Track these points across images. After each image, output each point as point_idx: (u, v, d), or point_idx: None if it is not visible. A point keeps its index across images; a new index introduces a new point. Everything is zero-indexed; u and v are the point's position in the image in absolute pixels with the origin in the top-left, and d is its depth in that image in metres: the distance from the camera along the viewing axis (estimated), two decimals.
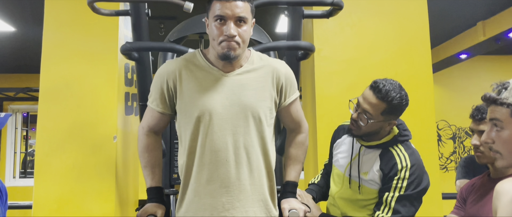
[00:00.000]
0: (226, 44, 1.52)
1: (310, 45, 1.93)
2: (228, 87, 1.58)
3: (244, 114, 1.57)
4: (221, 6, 1.50)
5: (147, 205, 1.67)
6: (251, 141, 1.58)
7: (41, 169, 2.34)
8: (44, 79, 2.42)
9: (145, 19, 1.97)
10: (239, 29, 1.52)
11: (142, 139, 1.72)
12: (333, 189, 1.91)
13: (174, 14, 4.37)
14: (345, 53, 2.64)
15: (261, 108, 1.59)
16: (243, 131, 1.57)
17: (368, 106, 1.65)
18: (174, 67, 1.62)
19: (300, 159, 1.74)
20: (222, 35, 1.51)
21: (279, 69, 1.66)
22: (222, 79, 1.59)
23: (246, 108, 1.57)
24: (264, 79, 1.62)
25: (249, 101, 1.58)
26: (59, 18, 2.47)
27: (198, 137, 1.57)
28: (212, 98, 1.57)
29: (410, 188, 1.65)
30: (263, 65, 1.65)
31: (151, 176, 1.70)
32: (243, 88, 1.59)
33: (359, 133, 1.72)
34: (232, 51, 1.52)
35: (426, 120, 2.58)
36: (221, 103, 1.56)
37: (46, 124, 2.38)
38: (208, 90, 1.58)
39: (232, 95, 1.57)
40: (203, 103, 1.56)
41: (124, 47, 1.88)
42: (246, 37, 1.56)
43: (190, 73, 1.60)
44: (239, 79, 1.60)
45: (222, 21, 1.51)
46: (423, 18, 2.69)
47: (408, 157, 1.68)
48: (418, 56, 2.66)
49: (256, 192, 1.59)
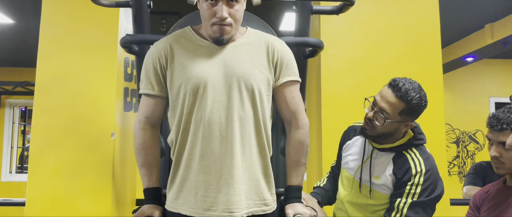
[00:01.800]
0: (218, 28, 1.48)
1: (319, 41, 1.85)
2: (221, 59, 1.53)
3: (238, 86, 1.50)
4: None
5: (144, 206, 1.60)
6: (244, 115, 1.51)
7: (36, 165, 2.27)
8: (41, 72, 2.34)
9: (146, 11, 1.89)
10: (230, 10, 1.47)
11: (139, 134, 1.61)
12: (341, 193, 1.83)
13: (177, 9, 4.30)
14: (352, 52, 2.56)
15: (255, 80, 1.52)
16: (237, 104, 1.50)
17: (386, 104, 1.57)
18: (164, 43, 1.58)
19: (302, 161, 1.64)
20: (213, 17, 1.47)
21: (275, 43, 1.60)
22: (215, 51, 1.54)
23: (239, 80, 1.50)
24: (258, 52, 1.57)
25: (243, 73, 1.51)
26: (57, 9, 2.39)
27: (190, 111, 1.51)
28: (205, 70, 1.51)
29: (423, 195, 1.57)
30: (258, 39, 1.60)
31: (148, 176, 1.62)
32: (237, 60, 1.53)
33: (373, 134, 1.64)
34: (224, 35, 1.49)
35: (435, 124, 2.50)
36: (214, 75, 1.50)
37: (42, 119, 2.30)
38: (200, 63, 1.52)
39: (224, 67, 1.52)
40: (195, 75, 1.50)
41: (124, 39, 1.80)
42: (239, 17, 1.51)
43: (181, 47, 1.56)
44: (233, 51, 1.55)
45: (213, 1, 1.46)
46: (434, 18, 2.61)
47: (423, 162, 1.60)
48: (428, 56, 2.58)
49: (247, 169, 1.52)
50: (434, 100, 2.53)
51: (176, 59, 1.54)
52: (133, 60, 2.53)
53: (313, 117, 2.70)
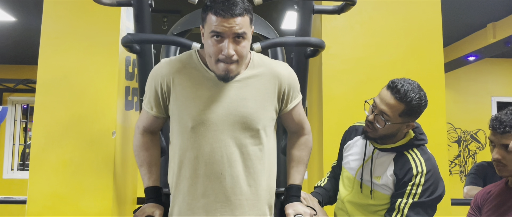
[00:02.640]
0: (223, 66, 1.40)
1: (321, 41, 1.84)
2: (225, 95, 1.47)
3: (241, 125, 1.46)
4: (218, 22, 1.36)
5: (145, 205, 1.61)
6: (248, 154, 1.47)
7: (37, 163, 2.27)
8: (42, 70, 2.34)
9: (148, 10, 1.89)
10: (237, 47, 1.39)
11: (138, 138, 1.64)
12: (342, 193, 1.83)
13: (178, 7, 4.29)
14: (354, 51, 2.56)
15: (260, 119, 1.48)
16: (241, 142, 1.46)
17: (386, 107, 1.56)
18: (168, 70, 1.51)
19: (303, 160, 1.65)
20: (219, 53, 1.39)
21: (282, 74, 1.54)
22: (219, 86, 1.47)
23: (245, 119, 1.46)
24: (264, 87, 1.50)
25: (248, 111, 1.46)
26: (59, 7, 2.38)
27: (191, 148, 1.47)
28: (208, 107, 1.45)
29: (424, 195, 1.57)
30: (264, 71, 1.52)
31: (148, 175, 1.63)
32: (242, 97, 1.47)
33: (375, 136, 1.63)
34: (230, 73, 1.42)
35: (436, 123, 2.50)
36: (217, 113, 1.45)
37: (43, 117, 2.30)
38: (203, 98, 1.46)
39: (229, 104, 1.46)
40: (198, 112, 1.45)
41: (125, 39, 1.80)
42: (245, 53, 1.44)
43: (185, 78, 1.49)
44: (237, 87, 1.48)
45: (219, 38, 1.38)
46: (436, 17, 2.60)
47: (424, 162, 1.60)
48: (430, 55, 2.57)
49: (254, 208, 1.49)
50: (436, 100, 2.52)
51: (178, 90, 1.49)
52: (134, 58, 2.52)
53: (315, 116, 2.70)
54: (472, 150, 6.41)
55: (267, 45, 1.78)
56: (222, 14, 1.35)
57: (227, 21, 1.35)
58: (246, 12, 1.40)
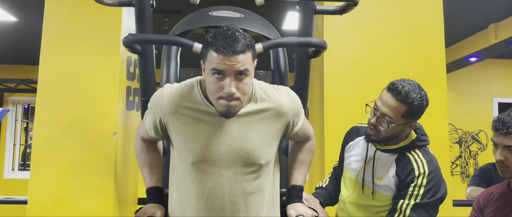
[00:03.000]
0: (225, 103, 1.35)
1: (322, 42, 1.83)
2: (227, 131, 1.43)
3: (243, 161, 1.44)
4: (219, 60, 1.31)
5: (146, 206, 1.61)
6: (250, 189, 1.46)
7: (38, 164, 2.26)
8: (43, 71, 2.33)
9: (149, 10, 1.88)
10: (239, 84, 1.34)
11: (138, 142, 1.66)
12: (343, 194, 1.82)
13: (179, 8, 4.29)
14: (356, 52, 2.55)
15: (264, 154, 1.46)
16: (242, 178, 1.44)
17: (388, 109, 1.55)
18: (168, 104, 1.46)
19: (306, 162, 1.66)
20: (220, 91, 1.34)
21: (286, 108, 1.50)
22: (221, 122, 1.43)
23: (247, 155, 1.44)
24: (269, 123, 1.48)
25: (251, 148, 1.44)
26: (60, 7, 2.38)
27: (193, 182, 1.46)
28: (210, 143, 1.42)
29: (426, 196, 1.56)
30: (267, 106, 1.47)
31: (149, 176, 1.63)
32: (244, 133, 1.44)
33: (378, 138, 1.63)
34: (232, 109, 1.36)
35: (438, 124, 2.49)
36: (219, 149, 1.43)
37: (44, 117, 2.29)
38: (205, 134, 1.43)
39: (231, 140, 1.43)
40: (199, 148, 1.43)
41: (126, 39, 1.79)
42: (247, 90, 1.38)
43: (186, 113, 1.45)
44: (240, 122, 1.44)
45: (220, 75, 1.33)
46: (438, 17, 2.59)
47: (426, 163, 1.59)
48: (432, 56, 2.56)
49: None
50: (438, 100, 2.52)
51: (178, 125, 1.46)
52: (135, 59, 2.52)
53: (316, 117, 2.69)
54: (473, 151, 6.40)
55: (268, 45, 1.77)
56: (223, 52, 1.30)
57: (229, 58, 1.30)
58: (248, 48, 1.35)
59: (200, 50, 1.67)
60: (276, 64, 2.32)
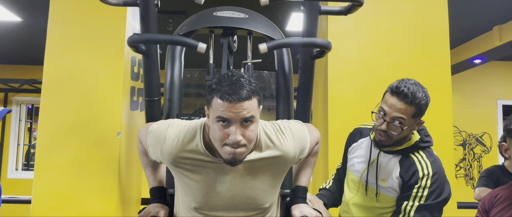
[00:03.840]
0: (231, 150, 1.30)
1: (327, 42, 1.83)
2: (230, 178, 1.41)
3: (247, 206, 1.44)
4: (224, 107, 1.27)
5: (150, 205, 1.61)
6: None
7: (42, 163, 2.27)
8: (48, 70, 2.34)
9: (154, 10, 1.88)
10: (245, 131, 1.30)
11: (139, 145, 1.67)
12: (347, 195, 1.82)
13: (183, 8, 4.29)
14: (360, 53, 2.55)
15: (267, 198, 1.47)
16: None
17: (399, 113, 1.53)
18: (169, 151, 1.42)
19: (311, 164, 1.66)
20: (226, 138, 1.30)
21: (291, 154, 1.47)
22: (223, 168, 1.40)
23: (251, 200, 1.43)
24: (272, 167, 1.45)
25: (255, 193, 1.43)
26: (65, 7, 2.39)
27: None
28: (212, 190, 1.41)
29: (431, 198, 1.55)
30: (272, 154, 1.43)
31: (152, 176, 1.64)
32: (248, 180, 1.42)
33: (389, 143, 1.61)
34: (238, 156, 1.32)
35: (443, 126, 2.48)
36: (221, 196, 1.42)
37: (48, 117, 2.30)
38: (206, 180, 1.41)
39: (234, 186, 1.42)
40: (201, 195, 1.42)
41: (131, 39, 1.79)
42: (253, 137, 1.34)
43: (186, 161, 1.41)
44: (244, 169, 1.41)
45: (225, 123, 1.29)
46: (443, 19, 2.58)
47: (430, 164, 1.58)
48: (436, 58, 2.56)
49: None
50: (442, 102, 2.51)
51: (180, 172, 1.44)
52: (140, 59, 2.52)
53: (320, 118, 2.69)
54: (477, 153, 6.37)
55: (273, 46, 1.77)
56: (228, 99, 1.26)
57: (234, 106, 1.26)
58: (254, 94, 1.31)
59: (204, 50, 1.67)
60: (280, 64, 2.31)
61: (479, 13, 4.45)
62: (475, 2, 4.13)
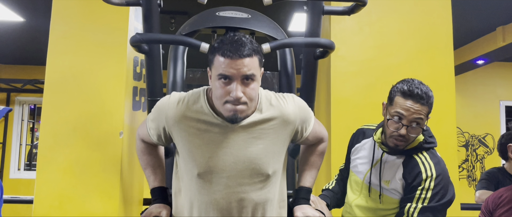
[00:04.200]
0: (231, 107, 1.33)
1: (330, 42, 1.82)
2: (233, 142, 1.41)
3: (250, 171, 1.42)
4: (226, 65, 1.30)
5: (152, 206, 1.60)
6: (258, 199, 1.45)
7: (44, 163, 2.26)
8: (50, 70, 2.34)
9: (156, 10, 1.88)
10: (246, 88, 1.33)
11: (139, 144, 1.66)
12: (350, 197, 1.81)
13: (186, 8, 4.29)
14: (363, 53, 2.53)
15: (270, 164, 1.44)
16: (249, 189, 1.43)
17: (417, 114, 1.53)
18: (174, 114, 1.44)
19: (317, 165, 1.65)
20: (227, 95, 1.33)
21: (292, 115, 1.47)
22: (227, 132, 1.41)
23: (254, 165, 1.42)
24: (275, 133, 1.45)
25: (258, 158, 1.42)
26: (67, 7, 2.38)
27: (200, 193, 1.45)
28: (215, 154, 1.41)
29: (434, 200, 1.55)
30: (273, 115, 1.45)
31: (152, 177, 1.63)
32: (251, 143, 1.42)
33: (406, 146, 1.61)
34: (238, 113, 1.34)
35: (446, 127, 2.47)
36: (224, 160, 1.41)
37: (50, 117, 2.30)
38: (210, 146, 1.41)
39: (237, 151, 1.41)
40: (204, 160, 1.41)
41: (134, 38, 1.79)
42: (254, 95, 1.37)
43: (191, 124, 1.42)
44: (245, 133, 1.42)
45: (227, 80, 1.32)
46: (446, 19, 2.57)
47: (434, 166, 1.58)
48: (440, 58, 2.54)
49: None
50: (446, 103, 2.49)
51: (183, 136, 1.44)
52: (142, 59, 2.52)
53: (323, 118, 2.68)
54: (480, 154, 6.35)
55: (276, 46, 1.76)
56: (229, 56, 1.30)
57: (235, 62, 1.29)
58: (255, 53, 1.34)
59: (207, 50, 1.66)
60: (283, 65, 2.31)
61: (482, 14, 4.43)
62: (478, 2, 4.11)
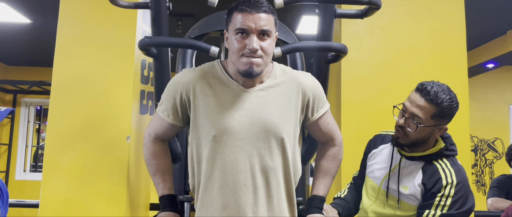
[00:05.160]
0: (248, 60, 1.39)
1: (343, 46, 1.78)
2: (248, 104, 1.45)
3: (265, 134, 1.42)
4: (243, 19, 1.39)
5: (161, 214, 1.57)
6: (272, 164, 1.43)
7: (50, 167, 2.24)
8: (57, 73, 2.31)
9: (165, 12, 1.85)
10: (261, 43, 1.40)
11: (148, 146, 1.61)
12: (365, 203, 1.77)
13: (193, 11, 4.26)
14: (374, 57, 2.49)
15: (284, 127, 1.44)
16: (264, 152, 1.42)
17: (417, 109, 1.52)
18: (190, 78, 1.50)
19: (331, 172, 1.60)
20: (243, 49, 1.39)
21: (305, 83, 1.52)
22: (242, 95, 1.46)
23: (268, 127, 1.42)
24: (288, 96, 1.48)
25: (272, 120, 1.43)
26: (75, 9, 2.36)
27: (214, 158, 1.43)
28: (231, 115, 1.43)
29: (454, 207, 1.51)
30: (286, 80, 1.51)
31: (162, 184, 1.59)
32: (265, 105, 1.45)
33: (406, 142, 1.58)
34: (254, 66, 1.40)
35: (459, 133, 2.40)
36: (240, 122, 1.42)
37: (57, 120, 2.27)
38: (226, 107, 1.44)
39: (252, 113, 1.43)
40: (220, 121, 1.42)
41: (142, 41, 1.76)
42: (270, 51, 1.44)
43: (207, 87, 1.48)
44: (260, 95, 1.47)
45: (244, 34, 1.40)
46: (459, 22, 2.52)
47: (454, 173, 1.54)
48: (453, 63, 2.49)
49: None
50: (459, 108, 2.44)
51: (200, 98, 1.47)
52: (150, 62, 2.49)
53: None
54: (489, 159, 6.27)
55: (287, 50, 1.73)
56: (247, 10, 1.38)
57: (253, 16, 1.38)
58: (271, 12, 1.42)
59: (216, 54, 1.64)
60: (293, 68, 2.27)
61: (492, 18, 4.38)
62: (489, 6, 4.06)
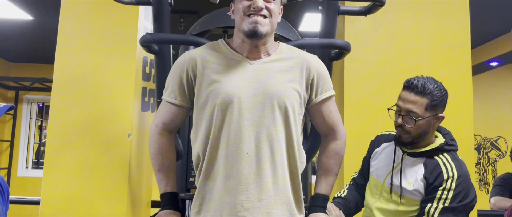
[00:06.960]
0: (253, 19, 1.43)
1: (347, 43, 1.77)
2: (252, 74, 1.47)
3: (269, 104, 1.43)
4: None
5: (162, 212, 1.55)
6: (276, 134, 1.42)
7: (51, 164, 2.23)
8: (58, 70, 2.31)
9: (167, 9, 1.83)
10: (266, 4, 1.44)
11: (155, 139, 1.57)
12: (369, 200, 1.77)
13: (195, 8, 4.25)
14: (377, 54, 2.47)
15: (288, 98, 1.45)
16: (268, 122, 1.42)
17: (410, 105, 1.56)
18: (194, 55, 1.53)
19: (333, 170, 1.58)
20: (249, 8, 1.43)
21: (311, 62, 1.54)
22: (247, 66, 1.48)
23: (272, 97, 1.43)
24: (292, 70, 1.50)
25: (276, 90, 1.44)
26: (76, 6, 2.35)
27: (217, 128, 1.43)
28: (235, 85, 1.44)
29: (455, 200, 1.52)
30: (293, 56, 1.53)
31: (165, 181, 1.57)
32: (269, 76, 1.46)
33: (409, 139, 1.61)
34: (259, 25, 1.43)
35: (463, 131, 2.40)
36: (245, 91, 1.43)
37: (58, 117, 2.26)
38: (230, 77, 1.45)
39: (256, 83, 1.45)
40: (225, 90, 1.43)
41: (144, 38, 1.75)
42: (275, 12, 1.48)
43: (212, 59, 1.50)
44: (265, 67, 1.49)
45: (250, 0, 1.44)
46: (464, 20, 2.50)
47: (455, 167, 1.56)
48: (457, 61, 2.47)
49: (280, 193, 1.43)
50: (463, 106, 2.43)
51: (205, 72, 1.48)
52: (151, 59, 2.48)
53: None
54: (492, 158, 6.25)
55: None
56: None
57: None
58: None
59: None
60: None
61: (497, 15, 4.35)
62: (494, 4, 4.03)
